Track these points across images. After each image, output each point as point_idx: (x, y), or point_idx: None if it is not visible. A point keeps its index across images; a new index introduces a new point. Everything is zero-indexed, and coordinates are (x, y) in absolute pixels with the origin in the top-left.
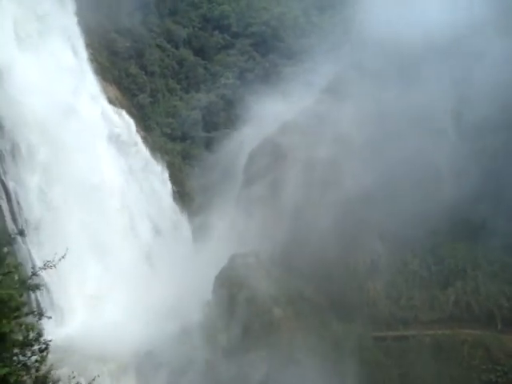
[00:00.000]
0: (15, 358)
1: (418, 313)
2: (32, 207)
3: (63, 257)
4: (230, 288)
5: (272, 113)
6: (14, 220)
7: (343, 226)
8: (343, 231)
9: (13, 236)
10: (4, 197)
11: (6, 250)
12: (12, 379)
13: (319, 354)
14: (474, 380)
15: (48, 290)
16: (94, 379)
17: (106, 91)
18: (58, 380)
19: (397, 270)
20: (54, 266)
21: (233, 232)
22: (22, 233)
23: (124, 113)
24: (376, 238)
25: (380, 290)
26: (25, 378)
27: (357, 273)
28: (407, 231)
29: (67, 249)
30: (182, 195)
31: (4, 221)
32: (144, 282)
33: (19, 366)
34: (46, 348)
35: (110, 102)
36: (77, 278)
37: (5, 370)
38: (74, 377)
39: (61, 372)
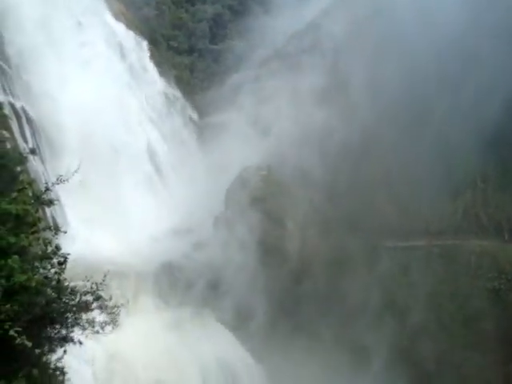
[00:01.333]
0: (36, 270)
1: (426, 224)
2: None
3: (76, 171)
4: (242, 201)
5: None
6: (25, 139)
7: (356, 140)
8: (356, 145)
9: (25, 155)
10: (14, 117)
11: (19, 168)
12: (32, 286)
13: (329, 264)
14: (480, 288)
15: (61, 207)
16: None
17: (110, 5)
18: (78, 290)
19: (407, 181)
20: (67, 180)
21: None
22: (33, 151)
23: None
24: (389, 151)
25: (390, 201)
26: (46, 288)
27: (368, 184)
28: (420, 140)
29: (79, 164)
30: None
31: (15, 140)
32: (156, 197)
33: (41, 277)
34: (65, 261)
35: (115, 16)
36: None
37: (23, 277)
38: (94, 289)
39: (80, 285)
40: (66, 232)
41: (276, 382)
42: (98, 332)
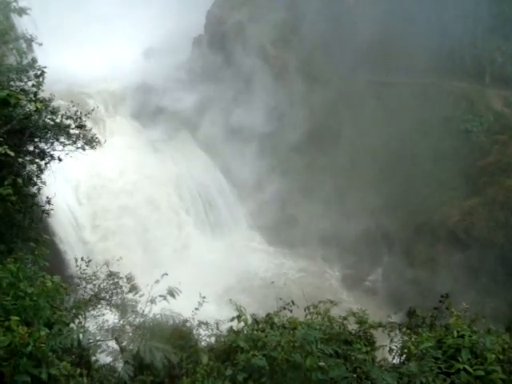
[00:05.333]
0: (12, 83)
1: (411, 61)
2: None
3: None
4: (223, 23)
5: None
6: None
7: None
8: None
9: None
10: None
11: None
12: (12, 101)
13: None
14: (453, 129)
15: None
16: (93, 110)
17: None
18: (58, 108)
19: (394, 14)
20: None
21: None
22: None
23: None
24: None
25: (375, 35)
26: (24, 102)
27: (352, 19)
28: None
29: None
30: None
31: None
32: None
33: (18, 90)
34: (42, 74)
35: None
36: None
37: (4, 93)
38: (73, 106)
39: (59, 103)
40: (41, 44)
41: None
42: (77, 149)
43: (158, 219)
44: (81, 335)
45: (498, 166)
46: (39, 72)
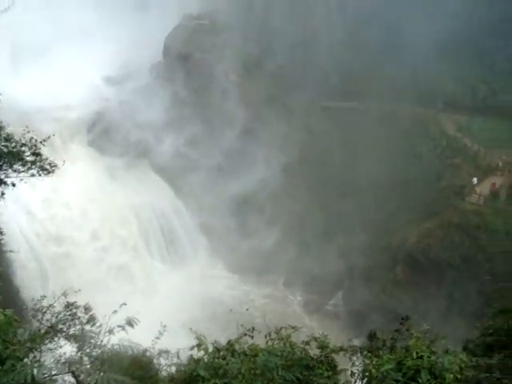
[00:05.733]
0: None
1: (366, 86)
2: None
3: None
4: (182, 49)
5: None
6: None
7: None
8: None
9: None
10: None
11: None
12: None
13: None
14: (408, 153)
15: None
16: (49, 137)
17: None
18: (12, 135)
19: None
20: None
21: None
22: None
23: None
24: (332, 9)
25: (333, 62)
26: None
27: (308, 38)
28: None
29: None
30: None
31: None
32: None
33: None
34: None
35: None
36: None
37: None
38: (28, 131)
39: (13, 130)
40: None
41: (206, 230)
42: (33, 175)
43: (116, 248)
44: (35, 370)
45: (452, 189)
46: None
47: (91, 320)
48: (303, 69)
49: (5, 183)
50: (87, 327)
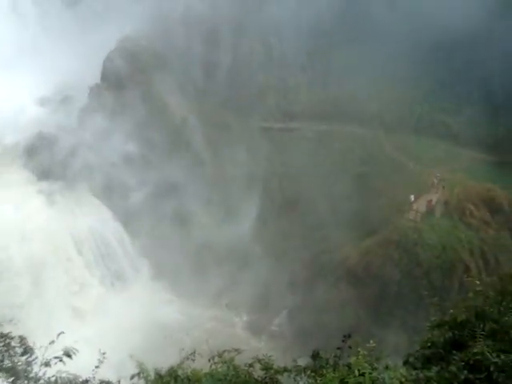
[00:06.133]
0: None
1: (303, 108)
2: None
3: None
4: (121, 71)
5: None
6: None
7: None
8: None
9: None
10: None
11: None
12: None
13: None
14: (348, 172)
15: None
16: None
17: None
18: None
19: (288, 67)
20: None
21: None
22: None
23: None
24: (269, 31)
25: (269, 83)
26: None
27: (244, 64)
28: (300, 27)
29: None
30: None
31: None
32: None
33: None
34: None
35: None
36: None
37: None
38: None
39: None
40: None
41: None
42: None
43: (53, 274)
44: None
45: (391, 206)
46: None
47: (27, 351)
48: (241, 89)
49: None
50: (22, 359)
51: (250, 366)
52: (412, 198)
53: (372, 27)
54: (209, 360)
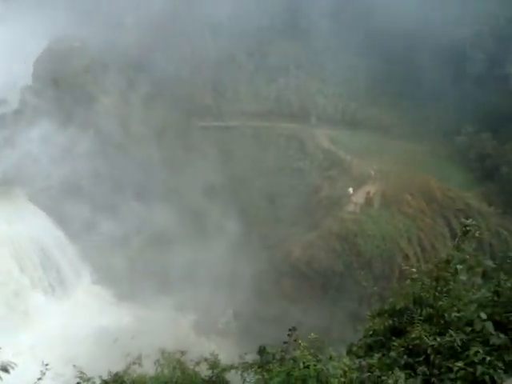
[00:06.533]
0: None
1: (241, 105)
2: None
3: None
4: (53, 72)
5: None
6: None
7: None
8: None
9: None
10: None
11: None
12: None
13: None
14: (287, 168)
15: None
16: None
17: None
18: None
19: (224, 64)
20: None
21: None
22: None
23: None
24: (205, 30)
25: (207, 82)
26: None
27: (183, 64)
28: (236, 25)
29: None
30: None
31: None
32: None
33: None
34: None
35: None
36: None
37: None
38: None
39: None
40: None
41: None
42: None
43: None
44: None
45: (331, 199)
46: None
47: None
48: (180, 90)
49: None
50: None
51: (197, 364)
52: (351, 190)
53: (310, 25)
54: (154, 363)
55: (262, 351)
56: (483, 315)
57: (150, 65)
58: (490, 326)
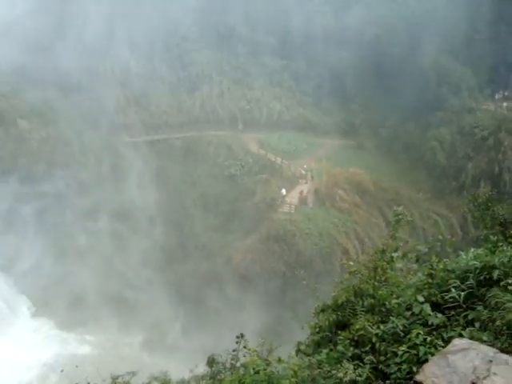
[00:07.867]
0: None
1: (167, 118)
2: None
3: None
4: None
5: None
6: None
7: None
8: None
9: None
10: None
11: None
12: None
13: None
14: (218, 175)
15: None
16: None
17: None
18: None
19: (146, 77)
20: None
21: None
22: None
23: None
24: (125, 46)
25: (130, 98)
26: None
27: (107, 81)
28: (156, 37)
29: None
30: None
31: None
32: None
33: None
34: None
35: None
36: None
37: None
38: None
39: None
40: None
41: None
42: None
43: None
44: None
45: (265, 202)
46: None
47: None
48: (101, 107)
49: None
50: None
51: None
52: (284, 191)
53: (230, 31)
54: None
55: (211, 362)
56: (420, 298)
57: (71, 86)
58: (427, 307)
